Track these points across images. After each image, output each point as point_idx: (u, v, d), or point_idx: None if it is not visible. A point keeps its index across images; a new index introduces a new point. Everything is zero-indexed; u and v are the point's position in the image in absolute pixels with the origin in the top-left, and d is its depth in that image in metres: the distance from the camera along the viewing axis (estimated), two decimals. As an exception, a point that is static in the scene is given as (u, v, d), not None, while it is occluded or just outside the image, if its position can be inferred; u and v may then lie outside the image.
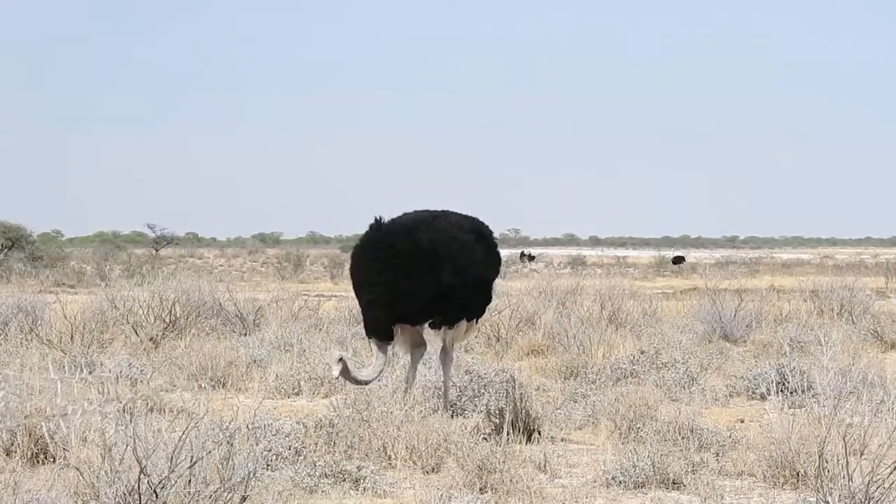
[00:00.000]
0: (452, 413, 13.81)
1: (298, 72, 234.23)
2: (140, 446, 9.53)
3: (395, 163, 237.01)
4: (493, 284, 14.25)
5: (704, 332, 23.41)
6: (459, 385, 14.58)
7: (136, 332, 21.14)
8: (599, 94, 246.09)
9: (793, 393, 15.55)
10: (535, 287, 27.93)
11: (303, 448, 12.07)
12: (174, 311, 21.72)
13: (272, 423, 12.32)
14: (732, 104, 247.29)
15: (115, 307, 22.38)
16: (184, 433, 9.59)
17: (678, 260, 78.26)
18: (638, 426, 13.39)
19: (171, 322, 21.53)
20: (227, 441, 9.99)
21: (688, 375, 17.02)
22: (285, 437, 12.10)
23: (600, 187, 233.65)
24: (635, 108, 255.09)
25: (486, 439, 12.21)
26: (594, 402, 14.81)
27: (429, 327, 13.91)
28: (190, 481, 9.58)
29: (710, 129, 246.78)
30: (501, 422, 13.19)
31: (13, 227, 61.96)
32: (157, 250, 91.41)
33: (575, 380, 17.57)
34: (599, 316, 23.90)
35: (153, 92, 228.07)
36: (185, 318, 21.88)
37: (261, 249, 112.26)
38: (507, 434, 12.51)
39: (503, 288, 29.96)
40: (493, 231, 14.32)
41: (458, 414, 14.09)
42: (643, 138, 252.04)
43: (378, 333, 13.56)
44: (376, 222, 13.79)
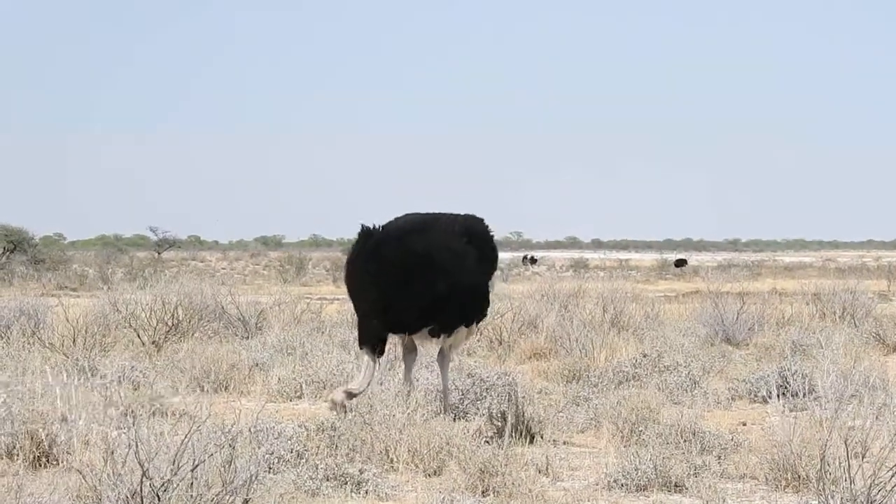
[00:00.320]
0: (454, 416, 13.80)
1: (299, 72, 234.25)
2: (142, 449, 9.54)
3: (396, 165, 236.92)
4: (491, 284, 14.16)
5: (706, 335, 23.39)
6: (461, 388, 14.58)
7: (139, 336, 21.14)
8: (600, 94, 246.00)
9: (795, 396, 15.54)
10: (537, 290, 27.91)
11: (305, 451, 12.07)
12: (176, 314, 21.71)
13: (274, 427, 12.32)
14: (734, 105, 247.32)
15: (118, 310, 22.38)
16: (186, 436, 9.60)
17: (680, 263, 78.25)
18: (640, 429, 13.39)
19: (173, 325, 21.51)
20: (230, 444, 10.00)
21: (690, 378, 17.02)
22: (287, 440, 12.11)
23: (602, 189, 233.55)
24: (636, 110, 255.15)
25: (488, 442, 12.21)
26: (596, 405, 14.81)
27: (428, 335, 13.87)
28: (192, 484, 9.58)
29: (712, 132, 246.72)
30: (503, 425, 13.19)
31: (15, 230, 61.99)
32: (159, 253, 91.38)
33: (577, 383, 17.57)
34: (602, 319, 23.90)
35: (154, 93, 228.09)
36: (188, 321, 21.87)
37: (263, 252, 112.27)
38: (509, 437, 12.50)
39: (506, 291, 29.96)
40: (487, 225, 14.16)
41: (461, 417, 14.08)
42: (645, 140, 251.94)
43: (371, 344, 13.51)
44: (366, 230, 13.67)
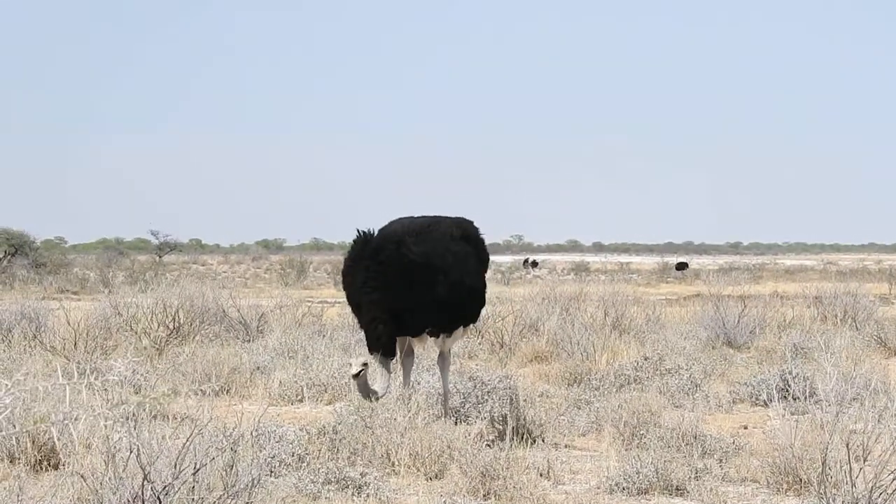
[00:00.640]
0: (456, 420, 13.81)
1: (299, 72, 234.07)
2: (144, 453, 9.53)
3: (397, 167, 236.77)
4: (485, 284, 14.29)
5: (708, 338, 23.40)
6: (463, 391, 14.59)
7: (140, 339, 21.14)
8: (600, 96, 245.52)
9: (796, 399, 15.56)
10: (538, 293, 27.92)
11: (306, 455, 12.09)
12: (178, 317, 21.71)
13: (276, 430, 12.33)
14: (735, 108, 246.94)
15: (119, 314, 22.39)
16: (188, 440, 9.60)
17: (682, 266, 78.24)
18: (641, 432, 13.40)
19: (174, 329, 21.51)
20: (231, 448, 10.01)
21: (691, 382, 17.02)
22: (289, 443, 12.12)
23: (603, 193, 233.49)
24: (637, 112, 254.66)
25: (489, 446, 12.21)
26: (598, 408, 14.82)
27: (427, 335, 13.93)
28: (193, 488, 9.58)
29: (714, 135, 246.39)
30: (505, 428, 13.20)
31: (16, 233, 61.98)
32: (160, 257, 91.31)
33: (578, 386, 17.58)
34: (603, 322, 23.89)
35: (155, 97, 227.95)
36: (189, 324, 21.87)
37: (264, 256, 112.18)
38: (511, 440, 12.50)
39: (506, 294, 29.96)
40: (477, 228, 14.30)
41: (462, 420, 14.10)
42: (646, 143, 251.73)
43: (384, 349, 13.54)
44: (363, 235, 13.68)
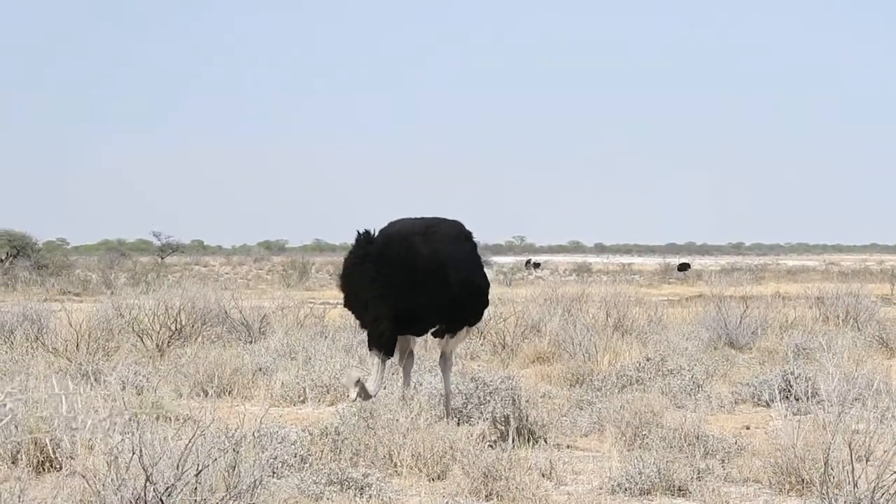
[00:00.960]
0: (458, 420, 13.82)
1: (299, 72, 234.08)
2: (146, 454, 9.53)
3: (398, 168, 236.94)
4: (489, 284, 14.30)
5: (710, 338, 23.39)
6: (465, 392, 14.59)
7: (142, 341, 21.15)
8: (601, 97, 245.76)
9: (798, 399, 15.57)
10: (540, 294, 27.95)
11: (308, 455, 12.08)
12: (180, 318, 21.72)
13: (278, 431, 12.33)
14: (736, 109, 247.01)
15: (121, 315, 22.40)
16: (190, 441, 9.60)
17: (684, 267, 78.25)
18: (643, 433, 13.39)
19: (176, 330, 21.52)
20: (233, 449, 10.01)
21: (693, 382, 17.02)
22: (291, 444, 12.12)
23: (605, 194, 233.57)
24: (638, 113, 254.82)
25: (491, 446, 12.21)
26: (600, 409, 14.82)
27: (432, 336, 13.93)
28: (196, 489, 9.58)
29: (715, 135, 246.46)
30: (507, 429, 13.20)
31: (18, 235, 62.05)
32: (162, 258, 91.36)
33: (580, 387, 17.58)
34: (605, 323, 23.89)
35: (156, 98, 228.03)
36: (191, 325, 21.88)
37: (266, 257, 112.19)
38: (513, 441, 12.50)
39: (508, 295, 29.97)
40: (471, 232, 14.34)
41: (464, 421, 14.09)
42: (647, 144, 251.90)
43: (384, 347, 13.53)
44: (366, 234, 13.66)
